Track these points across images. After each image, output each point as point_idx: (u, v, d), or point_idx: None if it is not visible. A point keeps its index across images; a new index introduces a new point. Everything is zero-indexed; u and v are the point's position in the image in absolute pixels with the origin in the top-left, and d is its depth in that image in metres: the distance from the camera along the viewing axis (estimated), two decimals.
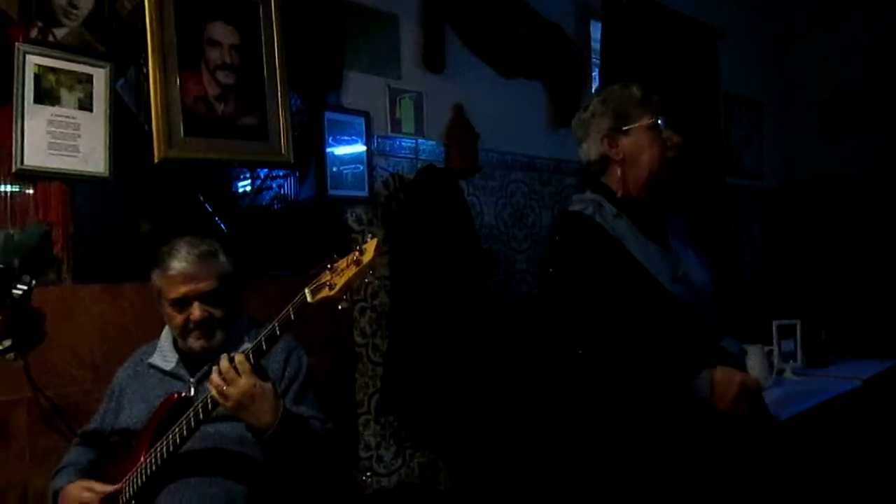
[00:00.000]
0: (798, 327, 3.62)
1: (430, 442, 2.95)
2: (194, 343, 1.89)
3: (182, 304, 1.87)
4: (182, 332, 1.90)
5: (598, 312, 1.80)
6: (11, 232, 1.98)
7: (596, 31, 3.78)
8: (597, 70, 3.81)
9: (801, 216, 5.03)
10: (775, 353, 3.46)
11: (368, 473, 2.75)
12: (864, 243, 4.66)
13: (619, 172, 1.96)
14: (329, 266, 1.57)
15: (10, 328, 1.28)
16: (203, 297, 1.87)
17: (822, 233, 4.88)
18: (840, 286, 4.62)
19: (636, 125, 1.93)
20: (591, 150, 1.99)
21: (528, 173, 3.45)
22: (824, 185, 4.92)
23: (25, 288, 1.30)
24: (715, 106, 4.42)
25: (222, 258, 1.93)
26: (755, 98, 4.99)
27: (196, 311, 1.86)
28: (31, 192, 2.04)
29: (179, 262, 1.86)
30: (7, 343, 1.28)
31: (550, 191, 3.53)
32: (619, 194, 1.96)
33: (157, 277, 1.90)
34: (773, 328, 3.53)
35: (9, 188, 2.00)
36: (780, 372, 3.45)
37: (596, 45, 3.78)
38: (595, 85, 3.82)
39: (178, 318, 1.88)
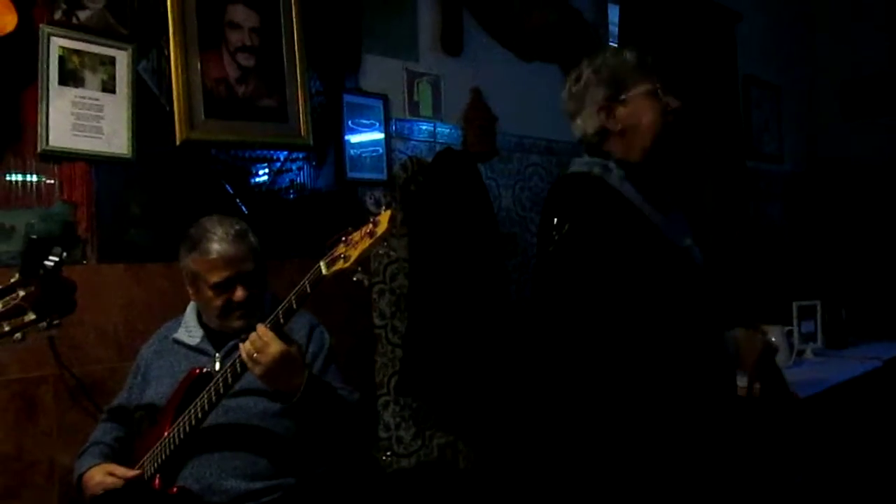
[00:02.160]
0: (818, 308, 3.60)
1: (449, 423, 2.97)
2: (235, 323, 1.90)
3: (225, 287, 1.88)
4: (223, 314, 1.90)
5: (623, 277, 1.69)
6: (33, 221, 2.02)
7: (614, 14, 3.77)
8: None
9: (821, 199, 4.99)
10: (795, 333, 3.44)
11: (388, 453, 2.78)
12: (885, 225, 4.62)
13: (619, 143, 1.82)
14: (343, 238, 1.59)
15: (42, 298, 1.31)
16: (244, 278, 1.89)
17: (843, 215, 4.84)
18: (861, 268, 4.59)
19: (633, 93, 1.80)
20: (587, 123, 1.84)
21: (545, 157, 3.45)
22: (845, 168, 4.88)
23: (57, 259, 1.33)
24: (734, 89, 4.39)
25: (252, 237, 1.95)
26: (775, 81, 4.95)
27: (239, 292, 1.88)
28: (55, 172, 2.07)
29: (220, 245, 1.87)
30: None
31: None
32: (621, 160, 1.83)
33: (193, 261, 1.90)
34: (794, 309, 3.51)
35: (34, 169, 2.04)
36: (801, 353, 3.43)
37: (614, 28, 3.77)
38: None
39: (219, 301, 1.89)
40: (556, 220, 1.75)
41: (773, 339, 2.04)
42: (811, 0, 5.20)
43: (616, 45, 3.73)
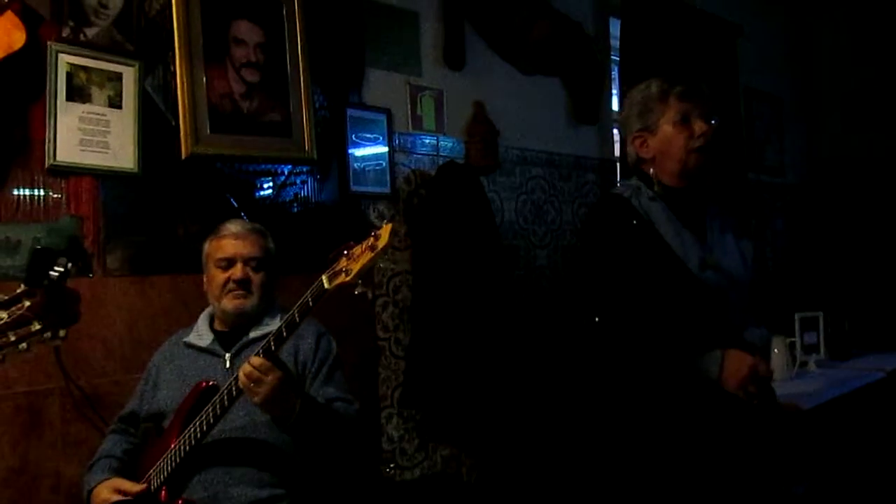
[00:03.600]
0: (821, 319, 3.60)
1: (453, 435, 2.98)
2: (230, 303, 1.98)
3: (228, 264, 1.98)
4: (220, 293, 1.99)
5: (616, 286, 1.84)
6: (39, 235, 2.04)
7: (615, 27, 3.79)
8: (616, 67, 3.83)
9: (823, 210, 5.00)
10: (798, 345, 3.44)
11: (392, 465, 2.78)
12: (887, 236, 4.63)
13: (654, 168, 1.99)
14: (345, 252, 1.62)
15: (46, 308, 1.32)
16: (247, 261, 1.99)
17: (845, 226, 4.85)
18: (863, 279, 4.59)
19: (659, 122, 1.97)
20: (630, 150, 2.06)
21: (547, 169, 3.47)
22: (847, 179, 4.89)
23: (62, 270, 1.34)
24: (735, 102, 4.41)
25: (270, 240, 2.08)
26: (776, 93, 4.97)
27: (238, 270, 1.97)
28: (62, 186, 2.10)
29: (234, 226, 2.04)
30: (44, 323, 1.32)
31: (570, 187, 3.55)
32: (658, 182, 2.00)
33: (208, 244, 2.05)
34: (796, 320, 3.52)
35: (41, 184, 2.06)
36: (803, 364, 3.43)
37: (615, 42, 3.80)
38: (615, 82, 3.84)
39: (220, 277, 1.98)
40: (579, 235, 2.05)
41: (771, 365, 2.09)
42: (811, 12, 5.23)
43: (616, 58, 3.76)
